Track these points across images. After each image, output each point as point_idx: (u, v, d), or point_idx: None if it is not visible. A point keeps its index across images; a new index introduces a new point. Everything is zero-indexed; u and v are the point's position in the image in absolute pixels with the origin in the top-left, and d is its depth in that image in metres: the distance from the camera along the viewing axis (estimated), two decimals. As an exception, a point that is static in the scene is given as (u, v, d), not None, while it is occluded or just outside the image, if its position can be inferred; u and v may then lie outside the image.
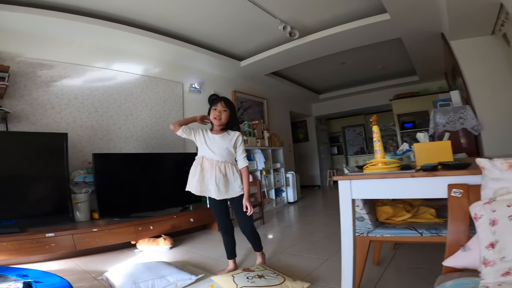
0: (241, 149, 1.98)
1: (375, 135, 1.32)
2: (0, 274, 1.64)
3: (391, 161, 1.26)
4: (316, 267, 2.05)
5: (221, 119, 1.91)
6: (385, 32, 3.64)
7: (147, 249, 2.69)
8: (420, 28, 3.52)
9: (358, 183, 1.24)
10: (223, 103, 1.92)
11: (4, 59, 2.62)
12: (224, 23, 3.45)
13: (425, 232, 1.40)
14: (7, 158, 2.38)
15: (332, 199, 6.02)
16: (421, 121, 6.31)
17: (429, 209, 1.62)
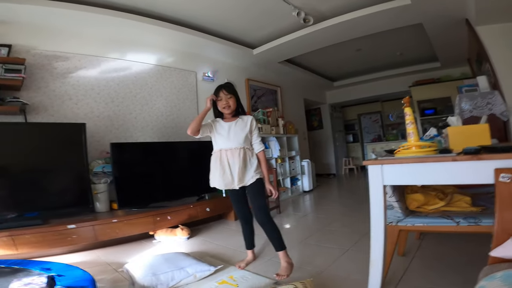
0: (256, 133, 1.94)
1: (408, 117, 1.22)
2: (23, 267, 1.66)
3: (427, 145, 1.16)
4: (337, 257, 2.00)
5: (230, 106, 1.88)
6: (405, 17, 3.48)
7: (165, 240, 2.69)
8: (443, 14, 3.35)
9: (391, 168, 1.15)
10: (225, 90, 1.89)
11: (20, 52, 2.63)
12: (236, 11, 3.35)
13: (462, 221, 1.30)
14: (27, 149, 2.40)
15: (348, 188, 5.94)
16: (443, 108, 6.08)
17: (464, 197, 1.52)
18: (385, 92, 7.20)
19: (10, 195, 2.28)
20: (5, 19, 2.59)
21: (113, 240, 2.51)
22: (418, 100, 6.22)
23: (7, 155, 2.31)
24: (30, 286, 1.30)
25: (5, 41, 2.54)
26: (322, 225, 2.95)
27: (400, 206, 1.46)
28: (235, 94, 1.92)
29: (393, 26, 3.78)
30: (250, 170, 1.85)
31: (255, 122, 1.94)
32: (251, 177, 1.84)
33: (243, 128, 1.89)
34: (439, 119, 6.17)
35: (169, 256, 1.98)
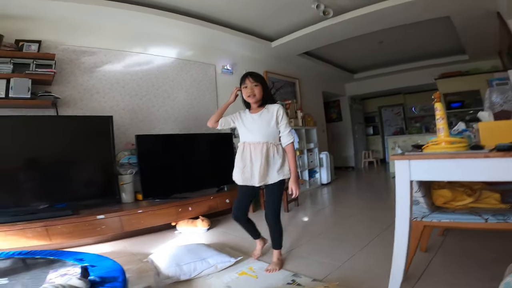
0: (284, 123, 1.75)
1: (438, 112, 1.19)
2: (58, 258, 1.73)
3: (458, 140, 1.13)
4: (357, 251, 2.00)
5: (255, 95, 1.74)
6: (432, 10, 3.34)
7: (186, 231, 2.75)
8: (473, 7, 3.21)
9: (419, 163, 1.14)
10: (251, 78, 1.74)
11: (49, 47, 2.74)
12: (255, 3, 3.32)
13: (490, 218, 1.27)
14: (58, 141, 2.51)
15: (367, 181, 5.84)
16: (471, 101, 5.81)
17: (493, 194, 1.47)
18: (408, 85, 6.95)
19: (42, 185, 2.38)
20: (35, 15, 2.70)
21: (137, 231, 2.59)
22: (444, 93, 5.94)
23: (39, 147, 2.42)
24: (66, 276, 1.36)
25: (34, 37, 2.65)
26: (340, 219, 2.95)
27: (426, 202, 1.44)
28: (262, 82, 1.77)
29: (419, 19, 3.64)
30: (273, 168, 1.72)
31: (282, 111, 1.75)
32: (273, 178, 1.73)
33: (268, 120, 1.74)
34: (466, 112, 5.90)
35: (191, 247, 2.03)
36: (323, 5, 3.27)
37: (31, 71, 2.47)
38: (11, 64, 2.43)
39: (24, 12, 2.62)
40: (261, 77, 1.80)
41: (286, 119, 1.76)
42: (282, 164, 1.74)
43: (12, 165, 2.30)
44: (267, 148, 1.72)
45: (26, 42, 2.56)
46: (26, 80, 2.40)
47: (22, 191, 2.32)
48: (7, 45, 2.47)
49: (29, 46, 2.56)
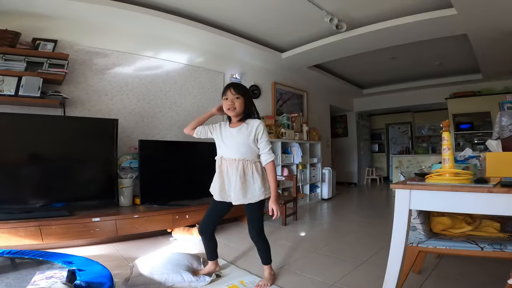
0: (264, 141, 1.65)
1: (445, 142, 1.17)
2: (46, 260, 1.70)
3: (462, 172, 1.12)
4: (350, 270, 1.97)
5: (235, 108, 1.64)
6: (448, 28, 3.33)
7: (181, 238, 2.73)
8: (491, 25, 3.17)
9: (420, 193, 1.13)
10: (233, 89, 1.64)
11: (64, 47, 2.80)
12: (267, 13, 3.35)
13: (487, 246, 1.28)
14: (62, 141, 2.53)
15: (368, 199, 5.77)
16: (480, 123, 5.74)
17: (493, 223, 1.47)
18: (418, 103, 6.90)
19: (41, 183, 2.39)
20: (54, 14, 2.76)
21: (131, 235, 2.56)
22: (454, 114, 5.92)
23: (43, 145, 2.44)
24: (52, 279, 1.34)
25: (52, 36, 2.72)
26: (338, 236, 2.91)
27: (423, 228, 1.43)
28: (245, 95, 1.68)
29: (434, 36, 3.62)
30: (253, 186, 1.64)
31: (262, 127, 1.66)
32: (256, 196, 1.64)
33: (246, 136, 1.64)
34: (474, 134, 5.83)
35: (175, 257, 1.98)
36: (337, 19, 3.28)
37: (43, 70, 2.52)
38: (24, 62, 2.47)
39: (45, 11, 2.69)
40: (245, 89, 1.73)
41: (266, 136, 1.67)
42: (262, 183, 1.65)
43: (14, 162, 2.31)
44: (243, 166, 1.63)
45: (43, 41, 2.61)
46: (38, 79, 2.44)
47: (21, 188, 2.34)
48: (23, 43, 2.53)
49: (45, 45, 2.60)
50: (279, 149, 4.24)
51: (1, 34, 2.41)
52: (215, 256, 1.91)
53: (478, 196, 1.02)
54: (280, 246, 2.57)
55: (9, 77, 2.37)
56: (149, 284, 1.69)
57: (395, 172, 6.39)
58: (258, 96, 4.67)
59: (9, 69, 2.40)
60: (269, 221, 3.50)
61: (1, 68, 2.37)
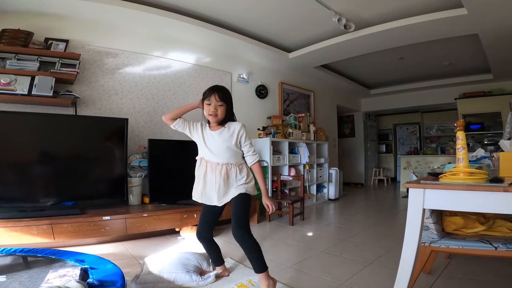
0: (248, 144, 1.64)
1: (460, 141, 1.17)
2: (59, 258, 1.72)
3: (477, 172, 1.11)
4: (359, 270, 1.96)
5: (217, 115, 1.59)
6: (459, 28, 3.29)
7: (189, 237, 2.74)
8: (503, 24, 3.12)
9: (434, 192, 1.12)
10: (217, 95, 1.58)
11: (75, 47, 2.84)
12: (275, 13, 3.35)
13: (501, 246, 1.27)
14: (73, 140, 2.57)
15: (375, 199, 5.73)
16: (491, 123, 5.65)
17: (506, 223, 1.46)
18: (427, 103, 6.82)
19: (53, 182, 2.43)
20: (65, 14, 2.81)
21: (140, 234, 2.58)
22: (463, 114, 5.84)
23: (54, 144, 2.48)
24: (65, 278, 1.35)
25: (63, 35, 2.76)
26: (345, 236, 2.89)
27: (436, 228, 1.42)
28: (228, 102, 1.63)
29: (444, 36, 3.58)
30: (237, 183, 1.62)
31: (244, 131, 1.62)
32: (233, 193, 1.61)
33: (228, 139, 1.60)
34: (485, 135, 5.74)
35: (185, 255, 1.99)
36: (345, 19, 3.26)
37: (56, 70, 2.56)
38: (37, 62, 2.52)
39: (57, 10, 2.75)
40: (229, 95, 1.66)
41: (248, 138, 1.65)
42: (245, 181, 1.63)
43: (26, 161, 2.35)
44: (227, 170, 1.61)
45: (55, 41, 2.66)
46: (50, 78, 2.49)
47: (33, 186, 2.37)
48: (36, 43, 2.58)
49: (57, 45, 2.65)
50: (286, 149, 4.24)
51: (14, 34, 2.46)
52: (221, 261, 1.88)
53: (494, 196, 1.01)
54: (287, 245, 2.58)
55: (22, 76, 2.41)
56: (158, 282, 1.70)
57: (403, 172, 6.32)
58: (265, 96, 4.68)
59: (22, 69, 2.44)
60: (275, 221, 3.51)
61: (15, 68, 2.41)
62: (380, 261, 2.11)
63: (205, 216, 1.76)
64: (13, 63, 2.42)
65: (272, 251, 2.38)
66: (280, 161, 4.14)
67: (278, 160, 4.11)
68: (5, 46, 2.41)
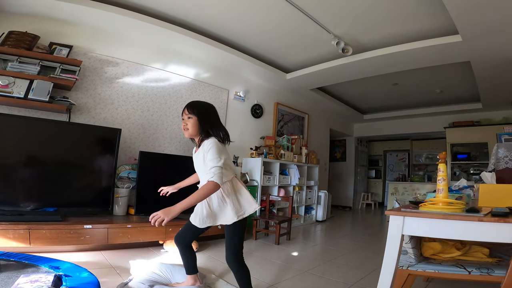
0: (210, 159, 1.42)
1: (440, 173, 1.27)
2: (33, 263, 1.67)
3: (455, 202, 1.19)
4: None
5: (188, 129, 1.54)
6: (453, 54, 3.39)
7: (172, 250, 2.69)
8: (494, 53, 3.23)
9: (413, 220, 1.20)
10: (187, 109, 1.54)
11: (78, 53, 2.89)
12: (275, 33, 3.44)
13: (474, 271, 1.32)
14: (63, 146, 2.55)
15: (362, 223, 5.80)
16: (477, 153, 5.84)
17: (482, 249, 1.54)
18: (418, 131, 7.00)
19: (36, 187, 2.39)
20: (73, 20, 2.88)
21: (121, 244, 2.54)
22: (451, 143, 6.01)
23: (43, 149, 2.46)
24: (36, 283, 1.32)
25: (69, 41, 2.82)
26: (329, 257, 2.90)
27: (414, 253, 1.48)
28: (198, 114, 1.53)
29: (438, 62, 3.67)
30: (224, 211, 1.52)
31: (211, 144, 1.45)
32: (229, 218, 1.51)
33: (201, 159, 1.51)
34: (471, 164, 5.90)
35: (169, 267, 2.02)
36: (343, 43, 3.34)
37: (55, 75, 2.58)
38: (38, 66, 2.55)
39: (65, 16, 2.80)
40: (199, 107, 1.56)
41: (212, 153, 1.42)
42: (233, 203, 1.51)
43: (11, 164, 2.31)
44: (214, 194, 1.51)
45: (59, 46, 2.70)
46: (48, 83, 2.50)
47: (15, 190, 2.33)
48: (40, 47, 2.62)
49: (60, 50, 2.68)
50: (277, 170, 4.27)
51: (20, 37, 2.50)
52: (194, 270, 1.79)
53: (469, 224, 1.08)
54: (271, 264, 2.56)
55: (21, 79, 2.42)
56: None
57: (390, 198, 6.40)
58: (260, 115, 4.76)
59: (22, 72, 2.46)
60: (261, 240, 3.49)
61: (15, 70, 2.43)
62: (360, 283, 2.13)
63: (189, 227, 1.68)
64: (14, 65, 2.44)
65: (255, 268, 2.35)
66: (270, 181, 4.16)
67: (269, 180, 4.13)
68: (9, 48, 2.44)
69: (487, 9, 2.41)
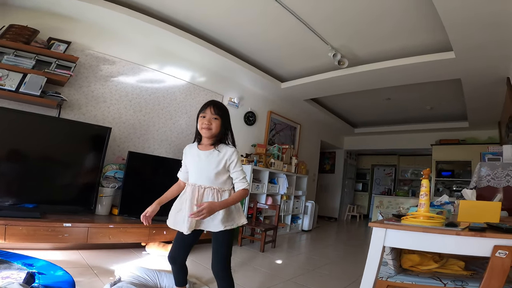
0: (238, 170, 1.46)
1: (423, 188, 1.32)
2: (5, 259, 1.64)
3: (435, 216, 1.24)
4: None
5: (211, 129, 1.46)
6: (445, 71, 3.45)
7: (154, 253, 2.65)
8: (485, 71, 3.31)
9: (395, 232, 1.24)
10: (213, 108, 1.47)
11: (75, 49, 2.87)
12: (273, 42, 3.49)
13: (449, 283, 1.36)
14: (49, 142, 2.50)
15: (346, 234, 5.88)
16: (461, 171, 6.01)
17: (458, 262, 1.58)
18: (405, 147, 7.16)
19: (16, 182, 2.32)
20: (73, 16, 2.88)
21: (101, 244, 2.47)
22: (437, 160, 6.17)
23: (27, 144, 2.40)
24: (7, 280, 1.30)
25: (68, 37, 2.81)
26: (313, 267, 2.92)
27: (394, 264, 1.52)
28: (223, 116, 1.50)
29: (431, 79, 3.73)
30: (216, 216, 1.43)
31: (236, 156, 1.46)
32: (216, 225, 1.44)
33: (216, 162, 1.45)
34: (454, 181, 6.08)
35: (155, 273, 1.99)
36: (340, 55, 3.38)
37: (50, 70, 2.56)
38: (34, 60, 2.52)
39: (66, 11, 2.80)
40: (225, 110, 1.54)
41: (239, 165, 1.48)
42: (227, 212, 1.46)
43: None
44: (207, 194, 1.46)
45: (57, 41, 2.69)
46: (42, 78, 2.48)
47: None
48: (38, 41, 2.60)
49: (58, 46, 2.67)
50: (266, 178, 4.28)
51: (20, 30, 2.48)
52: (184, 283, 1.71)
53: (447, 238, 1.12)
54: (254, 271, 2.57)
55: (15, 72, 2.40)
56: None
57: (375, 211, 6.52)
58: (253, 123, 4.80)
59: (16, 65, 2.44)
60: (247, 246, 3.47)
61: (9, 63, 2.41)
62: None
63: (180, 239, 1.55)
64: (10, 58, 2.42)
65: (238, 275, 2.34)
66: (259, 189, 4.18)
67: (257, 188, 4.14)
68: (6, 41, 2.42)
69: (482, 29, 2.49)
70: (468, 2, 2.21)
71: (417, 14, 2.70)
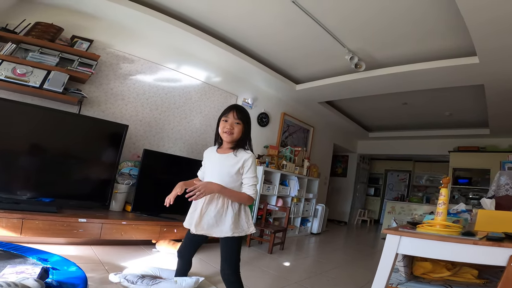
0: (250, 177, 1.46)
1: (442, 197, 1.31)
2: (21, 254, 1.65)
3: (452, 225, 1.22)
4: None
5: (232, 134, 1.48)
6: (468, 77, 3.31)
7: (164, 251, 2.68)
8: (509, 77, 3.17)
9: (410, 240, 1.23)
10: (236, 113, 1.49)
11: (97, 48, 2.96)
12: (291, 44, 3.46)
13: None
14: (68, 138, 2.56)
15: (356, 239, 5.80)
16: (478, 179, 5.81)
17: (472, 270, 1.55)
18: (422, 153, 6.99)
19: (35, 176, 2.38)
20: (97, 14, 2.96)
21: (113, 241, 2.51)
22: (454, 167, 5.99)
23: (48, 139, 2.46)
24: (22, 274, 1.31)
25: (90, 35, 2.89)
26: (320, 270, 2.91)
27: (405, 271, 1.49)
28: (245, 122, 1.52)
29: (452, 84, 3.57)
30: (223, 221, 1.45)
31: (251, 161, 1.47)
32: (224, 231, 1.44)
33: (231, 166, 1.46)
34: (471, 189, 5.89)
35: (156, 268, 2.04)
36: (357, 58, 3.31)
37: (72, 68, 2.64)
38: (58, 57, 2.61)
39: (90, 10, 2.88)
40: (247, 116, 1.56)
41: (253, 171, 1.48)
42: (236, 219, 1.46)
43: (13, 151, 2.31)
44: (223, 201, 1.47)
45: (80, 39, 2.78)
46: (65, 75, 2.56)
47: (14, 177, 2.31)
48: (62, 39, 2.70)
49: (81, 44, 2.75)
50: (277, 180, 4.27)
51: (46, 28, 2.57)
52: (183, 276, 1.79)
53: (463, 247, 1.10)
54: (263, 272, 2.57)
55: (39, 69, 2.48)
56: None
57: (387, 216, 6.37)
58: (266, 124, 4.81)
59: (41, 62, 2.52)
60: (255, 247, 3.48)
61: (34, 60, 2.50)
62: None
63: (190, 235, 1.57)
64: (35, 55, 2.51)
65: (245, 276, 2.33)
66: (270, 191, 4.18)
67: (268, 189, 4.14)
68: (32, 39, 2.50)
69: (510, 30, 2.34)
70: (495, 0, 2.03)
71: (438, 15, 2.58)
